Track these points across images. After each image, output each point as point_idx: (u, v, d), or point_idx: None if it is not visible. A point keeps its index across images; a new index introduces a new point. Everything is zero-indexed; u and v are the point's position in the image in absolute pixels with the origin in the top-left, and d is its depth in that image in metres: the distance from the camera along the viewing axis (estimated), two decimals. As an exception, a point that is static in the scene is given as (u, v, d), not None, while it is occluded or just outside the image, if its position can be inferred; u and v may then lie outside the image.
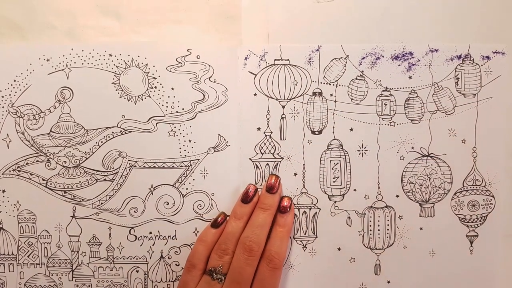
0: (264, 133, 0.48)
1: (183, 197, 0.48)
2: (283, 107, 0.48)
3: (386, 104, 0.48)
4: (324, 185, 0.48)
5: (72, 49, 0.47)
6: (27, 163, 0.47)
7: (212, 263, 0.45)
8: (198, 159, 0.47)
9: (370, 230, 0.49)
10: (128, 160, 0.47)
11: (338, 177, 0.48)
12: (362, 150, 0.48)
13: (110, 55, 0.47)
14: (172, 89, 0.47)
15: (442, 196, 0.49)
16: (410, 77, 0.48)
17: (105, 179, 0.47)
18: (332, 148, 0.48)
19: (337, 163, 0.48)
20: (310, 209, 0.48)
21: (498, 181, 0.49)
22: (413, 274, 0.49)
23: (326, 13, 0.47)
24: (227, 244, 0.45)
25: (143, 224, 0.48)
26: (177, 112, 0.47)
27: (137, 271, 0.48)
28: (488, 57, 0.49)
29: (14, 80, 0.47)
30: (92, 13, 0.47)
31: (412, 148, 0.49)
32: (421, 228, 0.49)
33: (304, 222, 0.48)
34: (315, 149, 0.48)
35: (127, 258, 0.48)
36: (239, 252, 0.44)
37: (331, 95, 0.48)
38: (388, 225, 0.49)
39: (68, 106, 0.47)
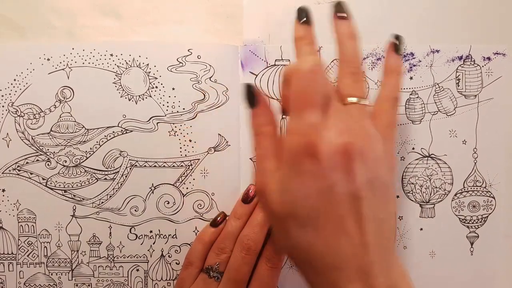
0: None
1: (183, 196, 0.48)
2: (284, 107, 0.48)
3: (387, 105, 0.48)
4: (324, 185, 0.48)
5: (73, 48, 0.46)
6: (27, 163, 0.47)
7: (210, 261, 0.45)
8: (199, 159, 0.47)
9: (371, 231, 0.49)
10: (129, 160, 0.47)
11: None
12: (363, 151, 0.48)
13: (111, 55, 0.47)
14: (173, 89, 0.47)
15: (443, 197, 0.49)
16: (411, 78, 0.48)
17: (105, 179, 0.47)
18: (332, 148, 0.48)
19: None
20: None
21: (498, 182, 0.49)
22: (413, 275, 0.48)
23: (326, 14, 0.46)
24: (225, 243, 0.45)
25: (144, 223, 0.48)
26: (177, 112, 0.47)
27: (137, 270, 0.48)
28: (489, 58, 0.48)
29: (14, 80, 0.46)
30: (92, 13, 0.47)
31: (413, 148, 0.49)
32: (421, 229, 0.49)
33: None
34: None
35: (128, 257, 0.48)
36: (236, 250, 0.44)
37: (332, 95, 0.48)
38: (388, 225, 0.49)
39: (68, 106, 0.47)
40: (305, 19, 0.42)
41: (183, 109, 0.47)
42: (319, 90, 0.36)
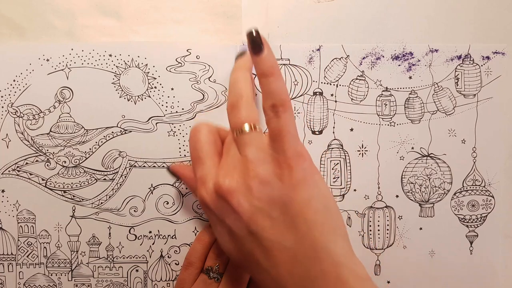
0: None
1: (182, 196, 0.48)
2: (283, 107, 0.48)
3: (386, 104, 0.48)
4: (324, 185, 0.48)
5: (72, 49, 0.46)
6: (26, 163, 0.47)
7: (209, 262, 0.45)
8: (198, 159, 0.47)
9: (370, 230, 0.49)
10: (128, 160, 0.47)
11: (338, 177, 0.48)
12: (362, 150, 0.48)
13: (110, 55, 0.47)
14: (172, 89, 0.47)
15: (442, 196, 0.49)
16: (410, 77, 0.48)
17: (105, 179, 0.47)
18: (332, 148, 0.48)
19: (337, 163, 0.48)
20: (310, 209, 0.48)
21: (497, 181, 0.49)
22: (413, 274, 0.49)
23: (326, 13, 0.46)
24: (225, 244, 0.45)
25: (143, 223, 0.48)
26: (176, 112, 0.47)
27: (137, 271, 0.48)
28: (488, 57, 0.49)
29: (14, 80, 0.46)
30: (92, 13, 0.47)
31: (412, 148, 0.49)
32: (420, 228, 0.49)
33: (304, 222, 0.48)
34: (316, 149, 0.48)
35: (127, 258, 0.48)
36: (235, 252, 0.44)
37: (332, 95, 0.48)
38: (388, 225, 0.49)
39: (68, 106, 0.47)
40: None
41: (182, 109, 0.47)
42: (203, 148, 0.39)
